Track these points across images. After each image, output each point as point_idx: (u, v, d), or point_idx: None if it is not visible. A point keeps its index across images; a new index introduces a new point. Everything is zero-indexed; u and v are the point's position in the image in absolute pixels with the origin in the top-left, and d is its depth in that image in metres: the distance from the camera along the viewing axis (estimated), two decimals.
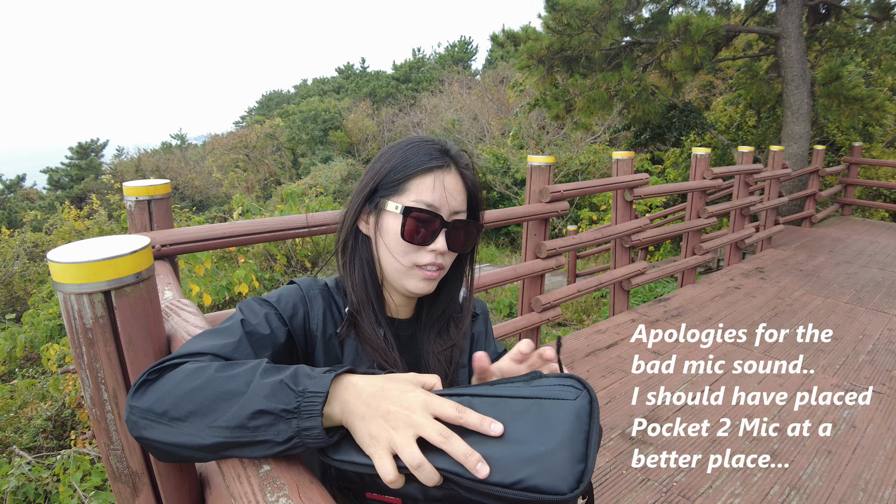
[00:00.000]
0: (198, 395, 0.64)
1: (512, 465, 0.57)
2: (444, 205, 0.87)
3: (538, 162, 3.35)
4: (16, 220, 15.79)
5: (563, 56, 7.81)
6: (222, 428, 0.62)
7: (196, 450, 0.64)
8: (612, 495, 2.16)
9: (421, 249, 0.87)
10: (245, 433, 0.62)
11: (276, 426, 0.61)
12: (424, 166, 0.87)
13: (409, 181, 0.87)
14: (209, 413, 0.63)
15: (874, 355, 3.48)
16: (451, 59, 34.10)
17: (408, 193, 0.86)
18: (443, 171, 0.88)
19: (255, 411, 0.61)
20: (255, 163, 24.19)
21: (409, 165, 0.87)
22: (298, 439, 0.61)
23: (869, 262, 5.76)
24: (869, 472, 2.33)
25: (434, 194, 0.86)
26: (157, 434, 0.64)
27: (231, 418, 0.62)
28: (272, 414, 0.61)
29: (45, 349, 3.79)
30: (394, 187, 0.87)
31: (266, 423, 0.61)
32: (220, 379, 0.65)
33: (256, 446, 0.63)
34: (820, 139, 10.25)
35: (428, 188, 0.86)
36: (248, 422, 0.61)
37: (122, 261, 0.86)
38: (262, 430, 0.61)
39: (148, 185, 1.87)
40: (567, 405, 0.62)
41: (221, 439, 0.62)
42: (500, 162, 14.68)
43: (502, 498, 0.57)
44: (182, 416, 0.63)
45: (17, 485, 2.82)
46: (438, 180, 0.87)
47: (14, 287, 7.68)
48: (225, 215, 8.18)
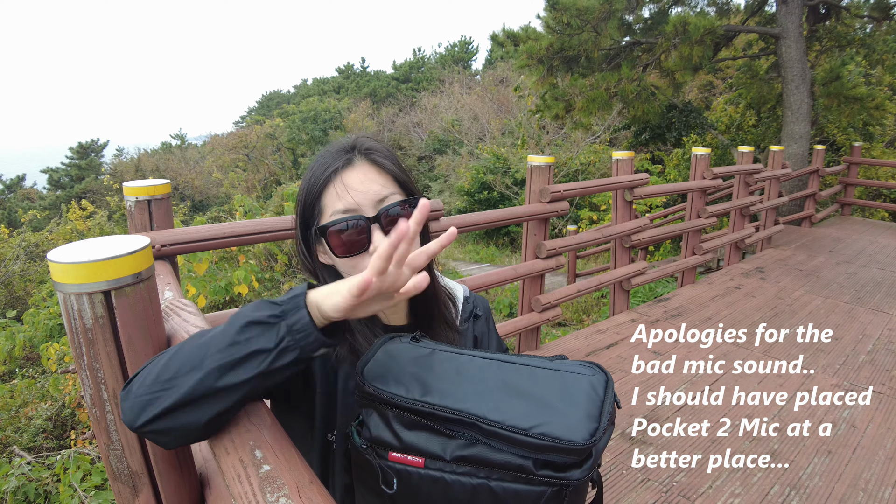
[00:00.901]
0: (182, 353, 0.66)
1: (531, 415, 0.64)
2: (361, 200, 0.82)
3: (538, 162, 3.35)
4: (16, 220, 15.79)
5: (562, 56, 7.81)
6: (214, 355, 0.64)
7: (196, 398, 0.64)
8: (612, 495, 2.16)
9: (364, 256, 0.83)
10: (238, 348, 0.64)
11: (266, 334, 0.64)
12: (323, 177, 0.82)
13: (321, 199, 0.83)
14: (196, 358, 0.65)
15: (874, 355, 3.48)
16: (452, 58, 34.10)
17: (325, 211, 0.83)
18: (343, 169, 0.83)
19: (245, 323, 0.64)
20: (255, 163, 24.20)
21: (314, 185, 0.83)
22: (290, 337, 0.64)
23: (869, 262, 5.76)
24: (869, 472, 2.33)
25: (343, 198, 0.81)
26: (159, 405, 0.64)
27: (221, 341, 0.64)
28: (260, 323, 0.64)
29: (44, 349, 3.79)
30: (314, 211, 0.84)
31: (256, 333, 0.64)
32: (199, 334, 0.68)
33: (250, 360, 0.64)
34: (820, 139, 10.26)
35: (334, 196, 0.82)
36: (239, 336, 0.64)
37: (122, 261, 0.86)
38: (252, 340, 0.64)
39: (148, 185, 1.87)
40: (584, 379, 0.70)
41: (216, 363, 0.64)
42: (501, 162, 14.67)
43: (520, 442, 0.62)
44: (173, 374, 0.65)
45: (17, 485, 2.82)
46: (341, 182, 0.82)
47: (14, 287, 7.68)
48: (225, 215, 8.18)
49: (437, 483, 0.67)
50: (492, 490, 0.65)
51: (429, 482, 0.67)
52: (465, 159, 17.53)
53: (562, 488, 0.63)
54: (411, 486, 0.68)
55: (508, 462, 0.63)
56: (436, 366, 0.72)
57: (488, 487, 0.65)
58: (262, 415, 0.75)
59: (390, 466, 0.69)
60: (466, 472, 0.65)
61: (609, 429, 0.67)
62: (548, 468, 0.63)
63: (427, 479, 0.67)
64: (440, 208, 2.71)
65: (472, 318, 1.04)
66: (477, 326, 1.04)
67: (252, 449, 0.67)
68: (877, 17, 8.43)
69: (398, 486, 0.69)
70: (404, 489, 0.69)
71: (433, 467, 0.67)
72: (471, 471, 0.65)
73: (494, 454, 0.64)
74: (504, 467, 0.64)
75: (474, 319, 1.04)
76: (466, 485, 0.66)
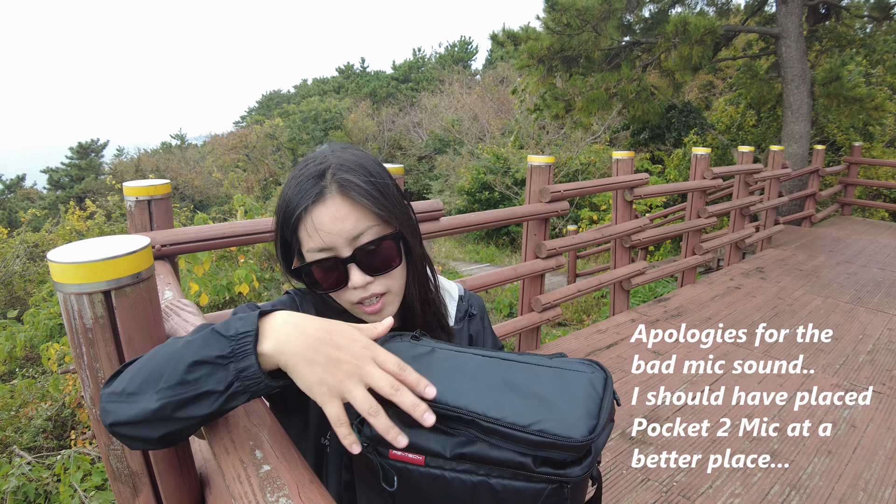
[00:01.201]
0: (148, 365, 0.65)
1: (530, 412, 0.64)
2: (332, 241, 0.78)
3: (538, 162, 3.35)
4: (16, 220, 15.80)
5: (562, 56, 7.81)
6: (165, 389, 0.62)
7: (150, 420, 0.63)
8: (612, 495, 2.16)
9: (345, 290, 0.82)
10: (188, 388, 0.62)
11: (215, 375, 0.62)
12: (298, 211, 0.79)
13: (297, 231, 0.81)
14: (156, 379, 0.63)
15: (874, 355, 3.48)
16: (451, 58, 34.10)
17: (303, 243, 0.81)
18: (316, 205, 0.78)
19: (191, 363, 0.62)
20: (255, 163, 24.20)
21: (286, 216, 0.81)
22: (239, 383, 0.62)
23: (869, 262, 5.76)
24: (869, 472, 2.33)
25: (316, 237, 0.79)
26: (119, 414, 0.64)
27: (171, 376, 0.62)
28: (208, 363, 0.62)
29: (45, 349, 3.79)
30: (293, 238, 0.82)
31: (204, 373, 0.62)
32: (165, 345, 0.66)
33: (201, 400, 0.63)
34: (820, 139, 10.25)
35: (308, 234, 0.79)
36: (187, 375, 0.62)
37: (121, 261, 0.86)
38: (201, 381, 0.62)
39: (148, 185, 1.87)
40: (584, 376, 0.70)
41: (166, 399, 0.62)
42: (501, 162, 14.68)
43: (519, 439, 0.62)
44: (135, 389, 0.64)
45: (17, 485, 2.82)
46: (313, 221, 0.78)
47: (14, 287, 7.68)
48: (225, 216, 8.17)
49: (438, 480, 0.67)
50: (491, 487, 0.65)
51: (429, 480, 0.67)
52: (465, 159, 17.53)
53: (561, 485, 0.64)
54: (412, 484, 0.68)
55: (508, 459, 0.63)
56: (435, 364, 0.72)
57: (488, 485, 0.65)
58: (262, 415, 0.75)
59: (391, 464, 0.69)
60: (466, 469, 0.66)
61: (608, 426, 0.67)
62: (547, 465, 0.63)
63: (427, 477, 0.67)
64: (440, 208, 2.71)
65: (468, 318, 1.04)
66: (472, 325, 1.04)
67: (252, 449, 0.67)
68: (877, 17, 8.43)
69: (399, 484, 0.69)
70: (405, 487, 0.69)
71: (433, 465, 0.67)
72: (471, 468, 0.66)
73: (494, 451, 0.64)
74: (504, 464, 0.64)
75: (469, 318, 1.04)
76: (466, 482, 0.66)
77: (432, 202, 2.68)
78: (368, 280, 0.81)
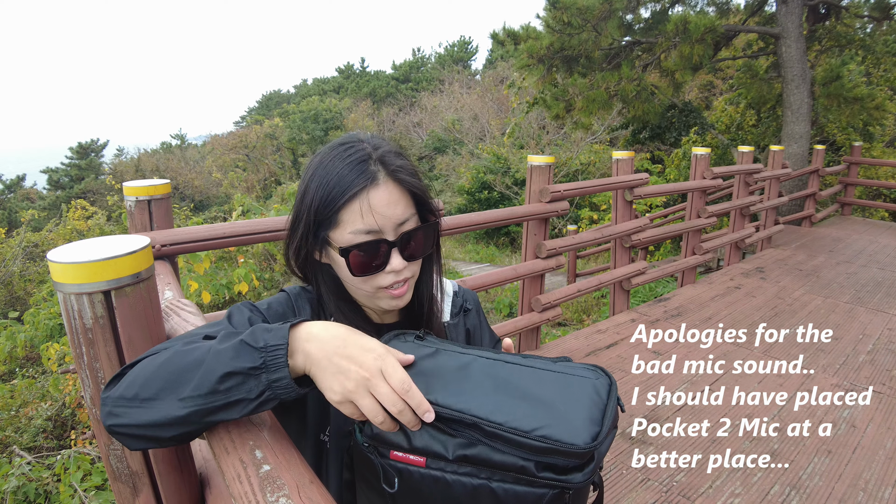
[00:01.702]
0: (163, 371, 0.66)
1: (533, 417, 0.63)
2: (383, 224, 0.80)
3: (538, 162, 3.35)
4: (16, 221, 15.79)
5: (562, 55, 7.81)
6: (194, 397, 0.64)
7: (171, 422, 0.65)
8: (612, 495, 2.16)
9: (380, 275, 0.83)
10: (219, 396, 0.64)
11: (247, 384, 0.64)
12: (348, 193, 0.78)
13: (339, 213, 0.79)
14: (178, 385, 0.64)
15: (874, 355, 3.48)
16: (451, 58, 34.09)
17: (342, 226, 0.80)
18: (368, 189, 0.78)
19: (224, 374, 0.64)
20: (255, 163, 24.20)
21: (333, 197, 0.79)
22: (270, 392, 0.65)
23: (869, 262, 5.76)
24: (869, 472, 2.33)
25: (367, 219, 0.79)
26: (131, 418, 0.65)
27: (201, 385, 0.64)
28: (240, 374, 0.64)
29: (45, 349, 3.79)
30: (327, 221, 0.81)
31: (236, 383, 0.64)
32: (182, 352, 0.67)
33: (232, 407, 0.65)
34: (820, 139, 10.25)
35: (358, 215, 0.79)
36: (219, 385, 0.64)
37: (121, 261, 0.86)
38: (233, 390, 0.64)
39: (148, 185, 1.87)
40: (588, 382, 0.69)
41: (196, 407, 0.64)
42: (501, 162, 14.68)
43: (522, 444, 0.62)
44: (153, 395, 0.65)
45: (17, 485, 2.82)
46: (366, 203, 0.78)
47: (14, 287, 7.68)
48: (225, 215, 8.17)
49: (438, 483, 0.67)
50: (493, 491, 0.65)
51: (430, 481, 0.67)
52: (465, 159, 17.54)
53: (563, 491, 0.63)
54: (412, 485, 0.68)
55: (510, 463, 0.63)
56: (439, 365, 0.71)
57: (489, 488, 0.65)
58: (262, 415, 0.75)
59: (392, 465, 0.69)
60: (468, 472, 0.66)
61: (612, 432, 0.67)
62: (549, 470, 0.63)
63: (428, 479, 0.67)
64: (440, 208, 2.71)
65: (463, 312, 1.05)
66: (468, 320, 1.05)
67: (252, 449, 0.67)
68: (877, 17, 8.43)
69: (399, 485, 0.69)
70: (405, 488, 0.69)
71: (434, 467, 0.67)
72: (472, 471, 0.65)
73: (496, 455, 0.64)
74: (505, 468, 0.64)
75: (465, 313, 1.05)
76: (467, 485, 0.66)
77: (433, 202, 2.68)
78: (405, 265, 0.83)
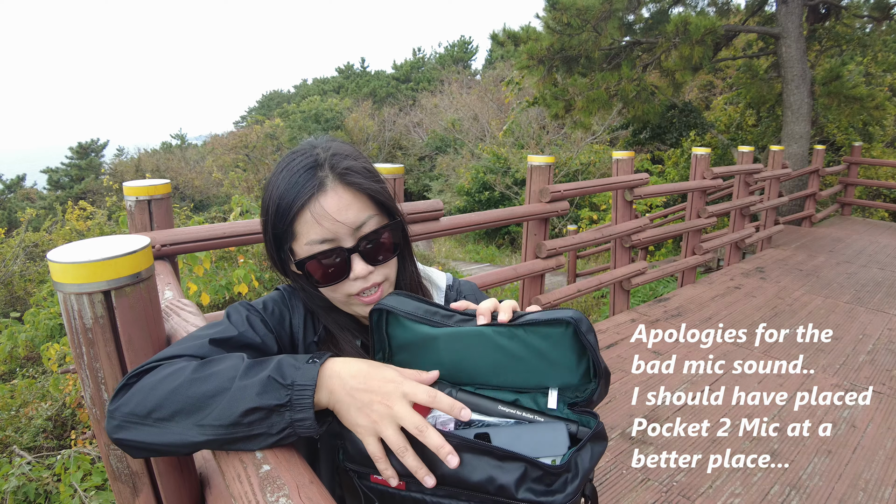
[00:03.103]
0: (181, 395, 0.65)
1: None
2: (337, 230, 0.77)
3: (538, 162, 3.35)
4: (15, 221, 15.79)
5: (562, 56, 7.80)
6: (215, 426, 0.64)
7: (187, 447, 0.65)
8: (612, 495, 2.16)
9: (345, 282, 0.81)
10: (241, 429, 0.64)
11: (270, 419, 0.64)
12: (297, 204, 0.76)
13: (293, 225, 0.78)
14: (196, 412, 0.64)
15: (874, 355, 3.48)
16: (451, 58, 34.09)
17: (299, 238, 0.79)
18: (316, 196, 0.76)
19: (249, 409, 0.63)
20: (256, 163, 24.18)
21: (284, 209, 0.78)
22: (291, 430, 0.65)
23: (869, 262, 5.76)
24: (869, 472, 2.33)
25: (319, 228, 0.77)
26: (143, 436, 0.65)
27: (223, 416, 0.64)
28: (265, 409, 0.64)
29: (45, 349, 3.79)
30: (285, 234, 0.80)
31: (259, 417, 0.64)
32: (202, 378, 0.66)
33: (253, 440, 0.65)
34: (820, 139, 10.25)
35: (310, 225, 0.77)
36: (243, 419, 0.64)
37: (121, 261, 0.86)
38: (256, 424, 0.64)
39: (148, 185, 1.87)
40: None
41: (216, 436, 0.64)
42: (501, 162, 14.68)
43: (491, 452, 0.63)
44: (167, 416, 0.64)
45: (17, 485, 2.82)
46: (316, 211, 0.76)
47: (14, 287, 7.68)
48: (225, 215, 8.17)
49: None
50: None
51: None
52: (465, 159, 17.54)
53: None
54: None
55: (486, 484, 0.62)
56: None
57: None
58: None
59: (371, 488, 0.70)
60: (447, 493, 0.65)
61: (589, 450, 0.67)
62: (530, 491, 0.62)
63: (409, 501, 0.67)
64: (440, 208, 2.71)
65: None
66: None
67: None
68: (877, 17, 8.43)
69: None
70: None
71: (415, 489, 0.66)
72: (452, 493, 0.65)
73: (474, 475, 0.63)
74: (482, 490, 0.63)
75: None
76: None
77: (432, 202, 2.68)
78: (370, 270, 0.81)
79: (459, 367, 0.74)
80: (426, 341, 0.75)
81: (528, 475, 0.62)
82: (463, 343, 0.73)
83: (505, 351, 0.72)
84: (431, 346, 0.75)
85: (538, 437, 0.67)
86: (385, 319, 0.78)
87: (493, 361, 0.73)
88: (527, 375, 0.73)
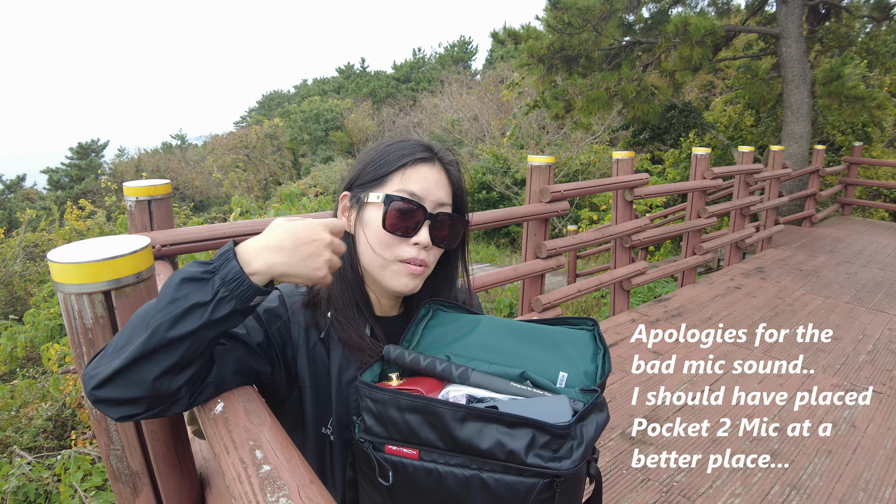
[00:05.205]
0: (130, 323, 0.69)
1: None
2: (427, 196, 0.85)
3: (538, 162, 3.35)
4: (15, 221, 15.79)
5: (563, 55, 7.80)
6: (156, 313, 0.67)
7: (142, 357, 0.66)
8: (612, 495, 2.16)
9: (403, 242, 0.85)
10: (177, 304, 0.66)
11: (202, 288, 0.68)
12: (408, 159, 0.86)
13: (391, 174, 0.86)
14: (144, 321, 0.67)
15: (874, 355, 3.48)
16: (451, 59, 34.09)
17: (390, 184, 0.86)
18: (426, 163, 0.87)
19: (181, 280, 0.67)
20: (256, 163, 24.20)
21: (390, 160, 0.87)
22: (224, 289, 0.68)
23: (869, 262, 5.76)
24: (869, 472, 2.33)
25: (417, 184, 0.85)
26: (108, 369, 0.67)
27: (161, 300, 0.67)
28: (195, 279, 0.67)
29: (45, 349, 3.79)
30: (376, 180, 0.87)
31: (192, 288, 0.67)
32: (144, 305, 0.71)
33: (191, 313, 0.66)
34: (820, 139, 10.25)
35: (410, 178, 0.85)
36: (177, 293, 0.67)
37: (122, 261, 0.86)
38: (190, 295, 0.67)
39: (148, 185, 1.87)
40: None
41: (157, 322, 0.66)
42: (500, 162, 14.67)
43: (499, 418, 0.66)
44: (125, 342, 0.67)
45: (17, 485, 2.82)
46: (421, 171, 0.86)
47: (14, 287, 7.68)
48: (225, 216, 8.18)
49: (431, 475, 0.69)
50: (483, 481, 0.67)
51: (423, 474, 0.69)
52: (464, 159, 17.53)
53: (553, 480, 0.65)
54: (407, 478, 0.70)
55: (496, 450, 0.65)
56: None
57: (480, 478, 0.67)
58: (262, 415, 0.75)
59: (386, 459, 0.71)
60: (459, 463, 0.68)
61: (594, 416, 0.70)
62: (538, 457, 0.64)
63: (422, 471, 0.69)
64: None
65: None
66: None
67: (252, 449, 0.67)
68: (877, 18, 8.43)
69: (394, 478, 0.71)
70: (400, 481, 0.71)
71: (427, 458, 0.69)
72: (463, 462, 0.68)
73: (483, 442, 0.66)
74: (493, 457, 0.66)
75: None
76: (459, 476, 0.68)
77: None
78: (429, 243, 0.86)
79: (484, 347, 0.81)
80: (466, 324, 0.85)
81: (536, 441, 0.65)
82: (499, 326, 0.84)
83: (532, 341, 0.81)
84: (466, 326, 0.84)
85: (543, 407, 0.70)
86: (430, 315, 0.87)
87: (516, 350, 0.79)
88: (543, 367, 0.78)
